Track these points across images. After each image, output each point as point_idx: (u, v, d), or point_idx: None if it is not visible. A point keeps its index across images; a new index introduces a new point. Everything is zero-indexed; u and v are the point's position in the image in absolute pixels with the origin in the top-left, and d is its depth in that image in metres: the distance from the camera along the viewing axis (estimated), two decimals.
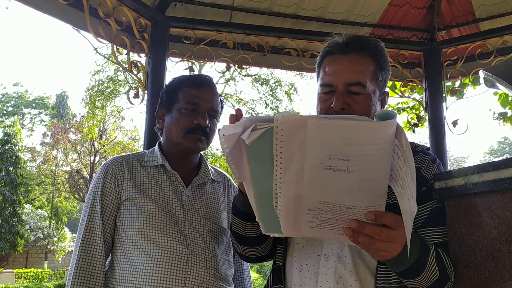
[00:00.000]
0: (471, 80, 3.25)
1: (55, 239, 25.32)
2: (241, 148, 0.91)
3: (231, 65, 3.00)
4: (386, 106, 1.37)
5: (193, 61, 3.00)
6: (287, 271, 1.25)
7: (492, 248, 1.01)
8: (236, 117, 1.05)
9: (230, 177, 1.81)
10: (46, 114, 37.03)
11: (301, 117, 0.81)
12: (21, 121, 34.91)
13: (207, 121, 1.54)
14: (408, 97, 3.54)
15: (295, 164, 0.85)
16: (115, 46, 2.51)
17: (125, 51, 2.61)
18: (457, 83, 4.03)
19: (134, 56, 2.68)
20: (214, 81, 1.65)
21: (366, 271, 1.13)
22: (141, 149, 2.08)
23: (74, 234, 27.55)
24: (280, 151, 0.84)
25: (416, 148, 1.24)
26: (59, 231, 25.85)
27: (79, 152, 23.89)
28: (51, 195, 27.18)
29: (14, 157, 22.22)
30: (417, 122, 3.40)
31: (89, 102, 19.52)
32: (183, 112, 1.54)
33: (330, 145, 0.82)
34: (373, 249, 0.94)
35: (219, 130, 0.91)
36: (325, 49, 1.28)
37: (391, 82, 3.50)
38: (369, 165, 0.83)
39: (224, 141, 0.90)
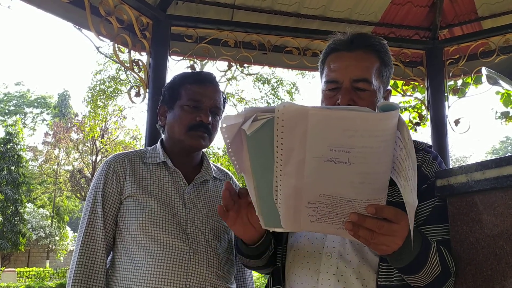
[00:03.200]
0: (473, 79, 3.25)
1: (57, 238, 25.39)
2: (242, 139, 0.90)
3: (233, 63, 3.00)
4: None
5: (195, 59, 3.00)
6: (289, 270, 1.25)
7: (495, 245, 1.01)
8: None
9: (232, 175, 1.81)
10: (48, 114, 37.08)
11: (302, 107, 0.80)
12: (23, 120, 34.96)
13: (210, 118, 1.53)
14: (410, 96, 3.53)
15: (295, 155, 0.84)
16: (116, 44, 2.51)
17: (126, 50, 2.61)
18: (459, 82, 4.02)
19: (135, 55, 2.68)
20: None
21: (368, 268, 1.12)
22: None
23: (75, 233, 27.54)
24: (281, 142, 0.83)
25: (417, 146, 1.23)
26: (61, 230, 25.92)
27: (81, 151, 23.90)
28: (52, 194, 27.22)
29: (16, 156, 22.28)
30: (419, 121, 3.39)
31: (91, 102, 19.57)
32: (185, 109, 1.54)
33: (331, 136, 0.81)
34: (374, 243, 0.93)
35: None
36: (329, 46, 1.28)
37: (393, 81, 3.50)
38: (371, 157, 0.83)
39: (225, 132, 0.89)
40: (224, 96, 1.66)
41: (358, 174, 0.84)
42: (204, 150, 1.65)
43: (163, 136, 1.67)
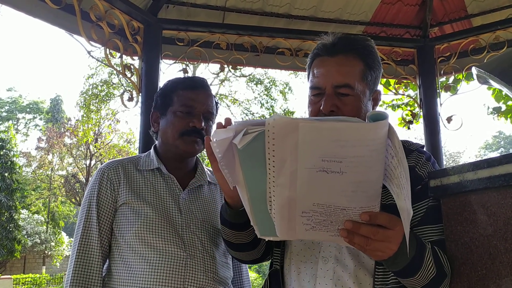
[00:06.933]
0: (464, 75, 3.26)
1: (53, 244, 25.20)
2: (234, 152, 0.91)
3: (225, 66, 3.00)
4: (380, 103, 1.37)
5: (187, 62, 2.99)
6: (285, 274, 1.25)
7: (489, 245, 1.02)
8: (224, 125, 1.03)
9: None
10: (40, 119, 36.84)
11: (292, 119, 0.81)
12: (16, 126, 34.73)
13: (203, 123, 1.54)
14: (403, 94, 3.55)
15: (288, 167, 0.84)
16: (108, 49, 2.50)
17: (118, 54, 2.60)
18: (451, 79, 4.05)
19: (127, 59, 2.67)
20: (209, 82, 1.65)
21: (365, 272, 1.13)
22: (137, 152, 2.08)
23: (71, 239, 27.36)
24: (273, 154, 0.84)
25: (410, 147, 1.24)
26: (56, 236, 25.74)
27: (75, 156, 23.75)
28: (47, 199, 27.03)
29: (9, 163, 22.07)
30: (412, 118, 3.41)
31: (84, 106, 19.46)
32: (178, 115, 1.54)
33: (323, 147, 0.81)
34: (369, 249, 0.94)
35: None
36: (314, 51, 1.28)
37: (385, 80, 3.51)
38: (363, 166, 0.83)
39: (216, 146, 0.91)
40: (217, 101, 1.66)
41: (351, 183, 0.85)
42: (198, 154, 1.65)
43: (156, 142, 1.66)
